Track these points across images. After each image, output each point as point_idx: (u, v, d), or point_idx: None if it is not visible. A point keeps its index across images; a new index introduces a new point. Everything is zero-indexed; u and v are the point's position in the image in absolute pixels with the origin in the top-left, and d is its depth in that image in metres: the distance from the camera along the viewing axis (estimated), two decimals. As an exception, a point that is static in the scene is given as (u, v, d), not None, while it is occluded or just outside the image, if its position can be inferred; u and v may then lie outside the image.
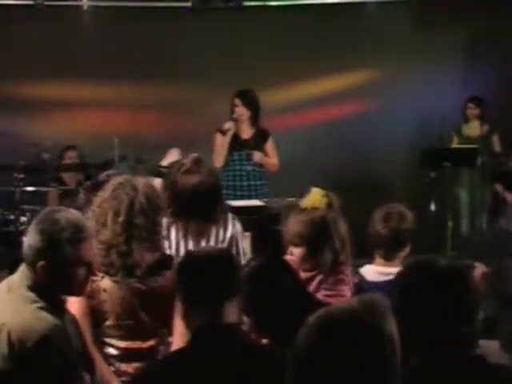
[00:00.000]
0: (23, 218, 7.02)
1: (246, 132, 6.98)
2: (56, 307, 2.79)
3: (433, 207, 8.17)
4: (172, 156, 5.42)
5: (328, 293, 3.40)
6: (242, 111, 6.89)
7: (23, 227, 6.96)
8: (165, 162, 5.36)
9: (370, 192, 8.65)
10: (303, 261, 3.48)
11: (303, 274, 3.38)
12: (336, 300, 3.26)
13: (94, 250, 2.92)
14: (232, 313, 2.50)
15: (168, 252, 3.77)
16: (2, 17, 8.58)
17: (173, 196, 3.99)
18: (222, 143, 6.88)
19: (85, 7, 8.96)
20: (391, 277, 3.55)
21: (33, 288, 2.76)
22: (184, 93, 8.94)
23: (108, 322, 3.28)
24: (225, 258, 2.64)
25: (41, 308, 2.72)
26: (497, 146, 8.46)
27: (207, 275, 2.53)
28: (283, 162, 7.24)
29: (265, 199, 6.82)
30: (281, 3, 9.19)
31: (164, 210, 3.57)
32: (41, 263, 2.74)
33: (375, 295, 1.81)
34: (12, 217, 6.98)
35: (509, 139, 8.30)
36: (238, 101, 6.92)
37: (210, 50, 8.90)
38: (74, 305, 3.11)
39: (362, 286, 3.64)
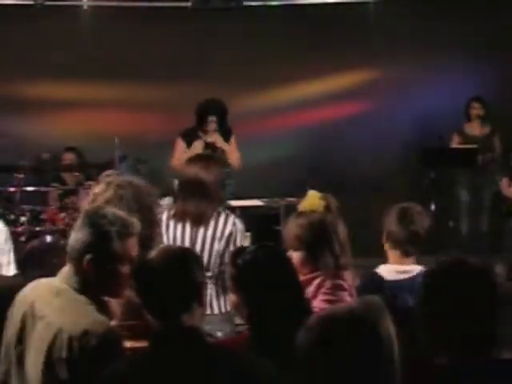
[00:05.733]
0: (23, 218, 7.02)
1: (212, 136, 6.98)
2: (102, 310, 2.75)
3: (433, 207, 8.16)
4: None
5: (326, 298, 3.35)
6: (214, 127, 6.92)
7: (23, 227, 6.98)
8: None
9: (370, 192, 8.65)
10: (303, 265, 3.43)
11: (302, 277, 3.33)
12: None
13: (136, 247, 2.82)
14: (193, 316, 2.43)
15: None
16: (2, 17, 8.58)
17: (179, 183, 4.19)
18: (185, 153, 6.74)
19: (85, 7, 8.96)
20: (410, 274, 3.64)
21: (81, 291, 2.71)
22: (184, 93, 8.93)
23: (112, 323, 3.28)
24: (184, 261, 2.49)
25: (95, 311, 2.68)
26: (498, 146, 8.46)
27: (161, 284, 2.45)
28: (284, 161, 7.23)
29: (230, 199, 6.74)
30: (281, 3, 9.19)
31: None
32: (87, 257, 2.67)
33: (373, 296, 1.94)
34: (12, 217, 6.97)
35: (509, 139, 8.29)
36: (211, 117, 6.93)
37: (210, 50, 8.90)
38: None
39: (382, 285, 3.60)
